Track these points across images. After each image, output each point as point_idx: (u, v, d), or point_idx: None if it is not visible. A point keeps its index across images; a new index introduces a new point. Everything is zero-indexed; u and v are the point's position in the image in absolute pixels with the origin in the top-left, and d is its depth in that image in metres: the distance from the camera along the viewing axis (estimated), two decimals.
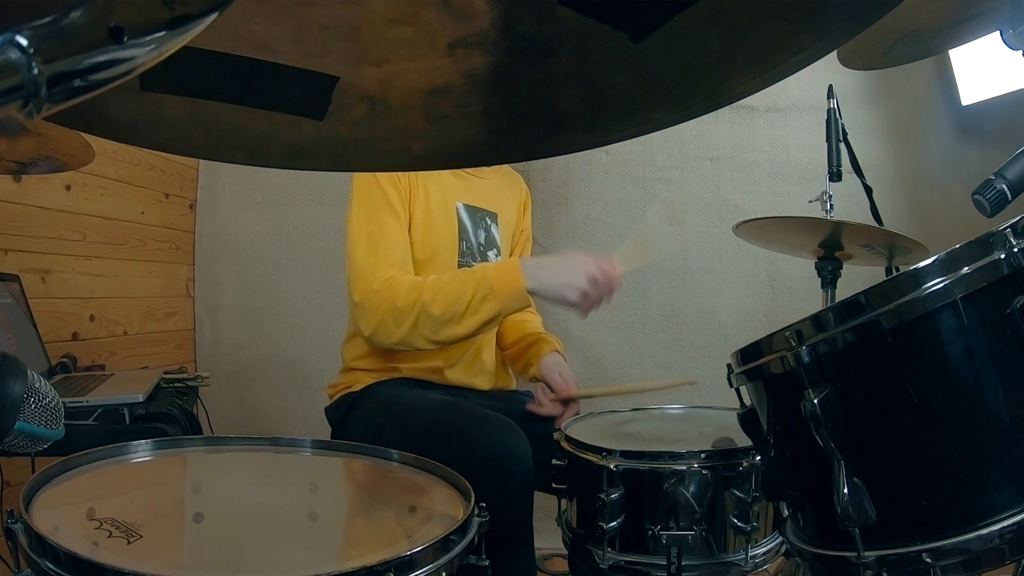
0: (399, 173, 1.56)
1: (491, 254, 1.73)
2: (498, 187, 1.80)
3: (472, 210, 1.71)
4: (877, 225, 1.66)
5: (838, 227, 1.50)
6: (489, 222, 1.75)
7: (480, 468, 1.09)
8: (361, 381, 1.63)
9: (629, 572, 1.16)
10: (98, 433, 1.32)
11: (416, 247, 1.59)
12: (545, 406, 1.59)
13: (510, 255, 1.87)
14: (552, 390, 1.60)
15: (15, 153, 1.37)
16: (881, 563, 0.78)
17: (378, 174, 1.54)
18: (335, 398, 1.68)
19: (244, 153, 0.63)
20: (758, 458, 1.13)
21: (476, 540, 0.84)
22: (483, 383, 1.71)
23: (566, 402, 1.58)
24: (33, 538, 0.71)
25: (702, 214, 2.60)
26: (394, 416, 1.47)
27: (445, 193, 1.66)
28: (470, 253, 1.68)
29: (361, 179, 1.57)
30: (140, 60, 0.29)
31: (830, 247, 1.60)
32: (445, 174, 1.65)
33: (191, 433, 1.44)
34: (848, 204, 1.80)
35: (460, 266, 1.65)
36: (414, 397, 1.52)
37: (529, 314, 1.87)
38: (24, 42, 0.25)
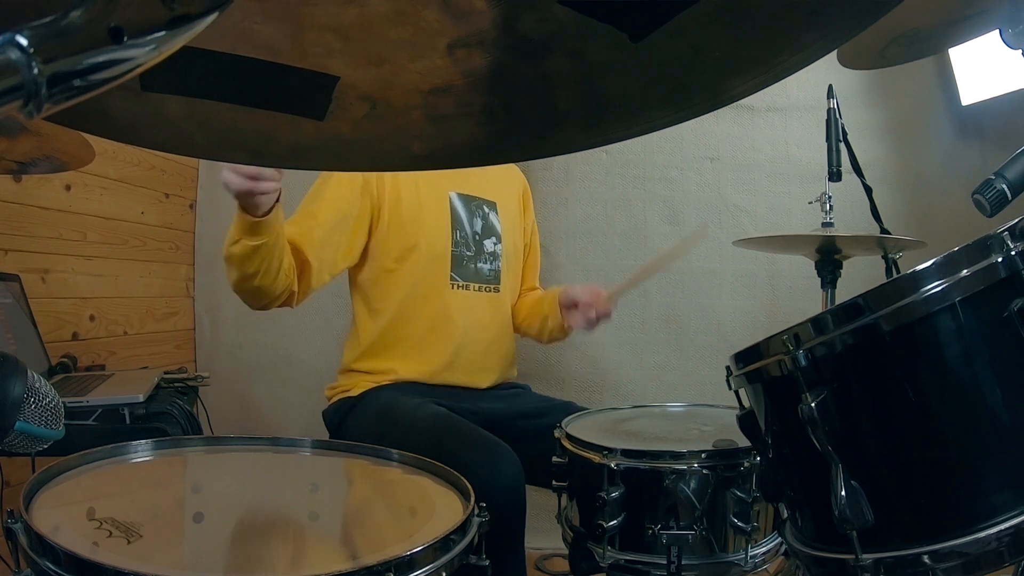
0: (370, 177, 1.58)
1: (488, 242, 1.74)
2: (496, 177, 1.82)
3: (467, 199, 1.72)
4: (877, 225, 1.66)
5: (836, 239, 1.52)
6: (487, 210, 1.76)
7: None
8: (359, 386, 1.63)
9: (629, 571, 1.17)
10: (98, 433, 1.32)
11: (405, 237, 1.62)
12: (592, 322, 1.66)
13: (523, 249, 1.88)
14: (584, 301, 1.67)
15: (15, 153, 1.37)
16: (879, 565, 0.78)
17: (341, 177, 1.56)
18: (333, 400, 1.68)
19: (244, 153, 0.63)
20: (758, 458, 1.13)
21: (476, 540, 0.84)
22: (483, 381, 1.71)
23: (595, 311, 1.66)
24: (33, 538, 0.71)
25: (702, 214, 2.59)
26: (385, 433, 1.44)
27: (438, 183, 1.68)
28: (464, 243, 1.69)
29: (323, 177, 1.59)
30: (140, 60, 0.29)
31: (828, 252, 1.60)
32: None
33: (191, 433, 1.44)
34: (848, 204, 1.80)
35: (455, 255, 1.67)
36: (408, 412, 1.47)
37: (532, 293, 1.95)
38: (24, 42, 0.25)
